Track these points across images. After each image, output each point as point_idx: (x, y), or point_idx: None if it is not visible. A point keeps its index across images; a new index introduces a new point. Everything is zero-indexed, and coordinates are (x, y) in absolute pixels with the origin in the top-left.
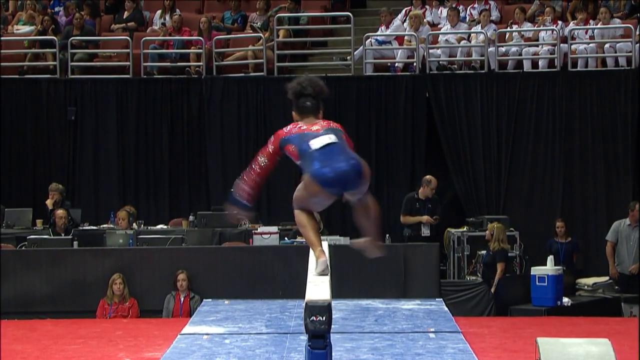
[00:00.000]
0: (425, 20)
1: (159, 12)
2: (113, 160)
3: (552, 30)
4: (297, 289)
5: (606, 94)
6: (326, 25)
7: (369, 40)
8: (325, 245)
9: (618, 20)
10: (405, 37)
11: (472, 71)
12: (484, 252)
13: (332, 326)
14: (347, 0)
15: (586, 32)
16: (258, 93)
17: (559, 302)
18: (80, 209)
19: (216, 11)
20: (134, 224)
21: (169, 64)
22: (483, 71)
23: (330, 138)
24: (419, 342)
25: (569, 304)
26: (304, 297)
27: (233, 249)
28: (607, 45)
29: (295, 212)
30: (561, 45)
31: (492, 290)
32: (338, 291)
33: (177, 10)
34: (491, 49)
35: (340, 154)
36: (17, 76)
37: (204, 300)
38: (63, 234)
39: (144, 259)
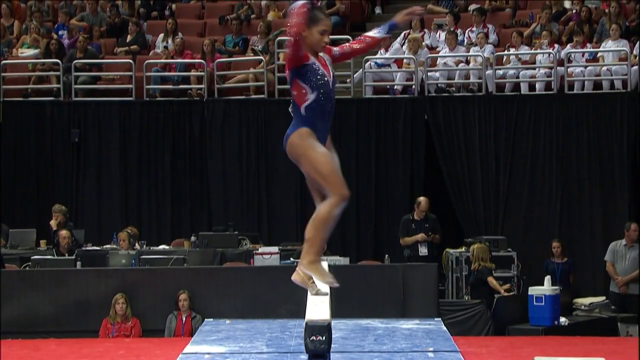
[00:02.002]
0: (424, 43)
1: (161, 35)
2: (116, 181)
3: (549, 53)
4: (297, 309)
5: (602, 117)
6: None
7: (368, 63)
8: (325, 264)
9: (612, 44)
10: (404, 60)
11: (470, 93)
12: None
13: (332, 345)
14: (346, 23)
15: (582, 55)
16: (259, 115)
17: (556, 322)
18: (83, 229)
19: (218, 35)
20: (137, 244)
21: (171, 86)
22: (481, 94)
23: None
24: None
25: (566, 324)
26: (304, 317)
27: (234, 269)
28: (603, 68)
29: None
30: (558, 68)
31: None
32: (338, 311)
33: (180, 33)
34: (489, 71)
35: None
36: (21, 99)
37: (206, 319)
38: (66, 255)
39: (146, 279)
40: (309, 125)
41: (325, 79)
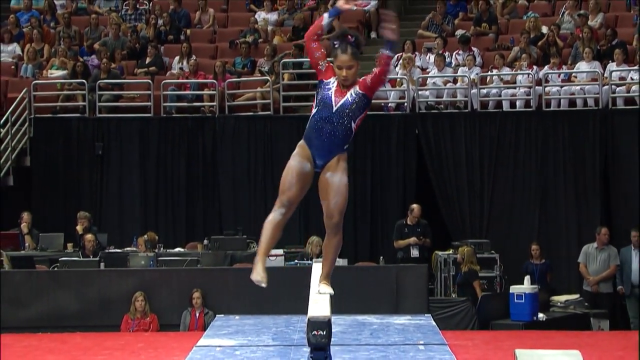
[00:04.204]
0: (415, 64)
1: (177, 57)
2: (135, 190)
3: (528, 74)
4: (300, 305)
5: (576, 131)
6: None
7: None
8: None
9: (586, 65)
10: (398, 78)
11: (457, 110)
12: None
13: (332, 339)
14: None
15: (559, 76)
16: (265, 130)
17: (535, 317)
18: (106, 233)
19: (228, 57)
20: (156, 248)
21: (185, 104)
22: (467, 110)
23: None
24: (409, 354)
25: (544, 319)
26: (306, 313)
27: (243, 269)
28: (577, 88)
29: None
30: (536, 87)
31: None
32: (337, 307)
33: (194, 56)
34: (474, 90)
35: None
36: (50, 115)
37: (217, 315)
38: (91, 256)
39: (163, 279)
40: (306, 138)
41: (329, 102)
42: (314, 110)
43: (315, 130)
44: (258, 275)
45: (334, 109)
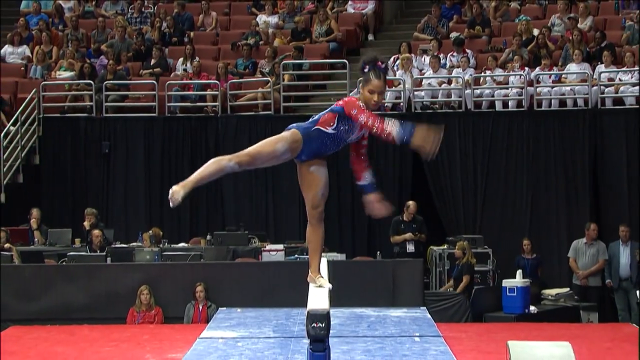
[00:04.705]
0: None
1: (181, 59)
2: (141, 187)
3: (520, 75)
4: (300, 299)
5: (567, 130)
6: (325, 71)
7: None
8: (324, 261)
9: (575, 67)
10: (398, 76)
11: (451, 110)
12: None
13: (331, 331)
14: (343, 49)
15: (549, 77)
16: (266, 129)
17: (526, 310)
18: (112, 229)
19: (230, 58)
20: (160, 243)
21: (189, 104)
22: (461, 110)
23: None
24: (405, 345)
25: (535, 312)
26: (306, 306)
27: (245, 264)
28: (567, 88)
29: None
30: (528, 88)
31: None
32: (335, 301)
33: (197, 57)
34: (468, 91)
35: None
36: (58, 115)
37: (220, 308)
38: (98, 251)
39: (167, 273)
40: (305, 134)
41: (348, 132)
42: (329, 129)
43: (320, 141)
44: (325, 280)
45: (347, 140)
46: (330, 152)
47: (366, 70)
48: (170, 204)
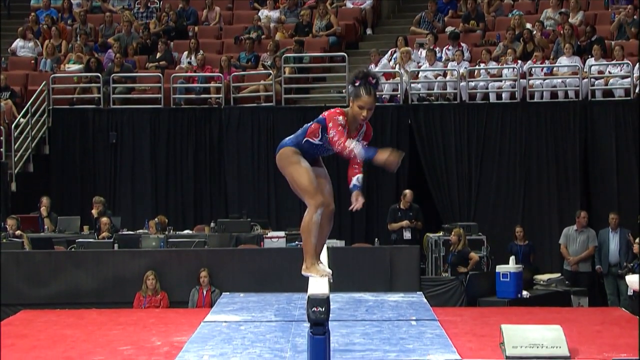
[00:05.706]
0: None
1: (185, 52)
2: (147, 176)
3: (513, 68)
4: (300, 284)
5: (558, 122)
6: (325, 64)
7: None
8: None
9: (566, 60)
10: (397, 69)
11: (447, 102)
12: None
13: (330, 315)
14: (342, 42)
15: (542, 70)
16: (268, 120)
17: (519, 295)
18: (120, 217)
19: (233, 52)
20: (166, 230)
21: (193, 96)
22: (456, 102)
23: None
24: (402, 329)
25: (528, 296)
26: (306, 291)
27: (247, 250)
28: (559, 81)
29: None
30: (521, 80)
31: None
32: (335, 286)
33: (201, 51)
34: (463, 83)
35: None
36: (67, 106)
37: (223, 293)
38: (106, 238)
39: (173, 259)
40: (297, 148)
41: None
42: (316, 141)
43: (312, 151)
44: (324, 271)
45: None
46: (325, 155)
47: (357, 84)
48: (330, 272)
